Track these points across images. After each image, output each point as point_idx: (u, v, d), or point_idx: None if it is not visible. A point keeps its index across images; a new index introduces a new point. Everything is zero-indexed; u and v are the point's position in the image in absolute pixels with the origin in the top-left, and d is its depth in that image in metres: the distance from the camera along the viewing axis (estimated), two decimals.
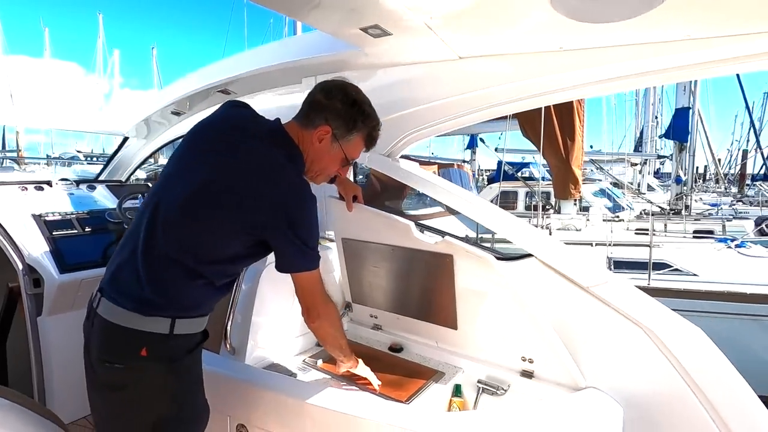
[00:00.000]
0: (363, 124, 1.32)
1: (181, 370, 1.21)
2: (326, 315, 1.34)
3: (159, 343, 1.16)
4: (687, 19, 1.09)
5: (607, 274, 1.46)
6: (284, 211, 1.16)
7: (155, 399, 1.17)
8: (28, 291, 2.07)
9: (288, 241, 1.18)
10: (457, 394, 1.68)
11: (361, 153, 1.41)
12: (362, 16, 1.33)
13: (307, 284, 1.28)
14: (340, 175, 1.46)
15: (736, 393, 1.28)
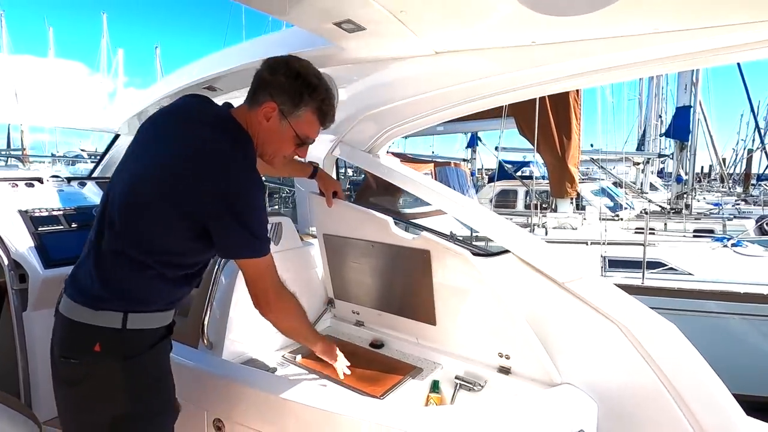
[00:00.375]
0: (310, 97, 1.21)
1: (137, 367, 1.17)
2: (280, 307, 1.27)
3: (112, 339, 1.14)
4: (652, 12, 1.08)
5: (583, 270, 1.45)
6: (225, 199, 1.10)
7: (110, 395, 1.15)
8: (13, 286, 2.08)
9: (231, 230, 1.12)
10: (435, 390, 1.67)
11: (319, 131, 1.30)
12: (334, 12, 1.33)
13: (254, 272, 1.21)
14: (300, 156, 1.33)
15: (708, 388, 1.27)
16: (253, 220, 1.14)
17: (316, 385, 1.59)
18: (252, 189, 1.14)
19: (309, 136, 1.25)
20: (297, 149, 1.28)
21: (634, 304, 1.38)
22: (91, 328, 1.13)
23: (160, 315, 1.21)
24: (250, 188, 1.14)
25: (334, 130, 1.96)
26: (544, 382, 1.52)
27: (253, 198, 1.14)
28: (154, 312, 1.19)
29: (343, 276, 2.01)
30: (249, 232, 1.14)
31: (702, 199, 14.54)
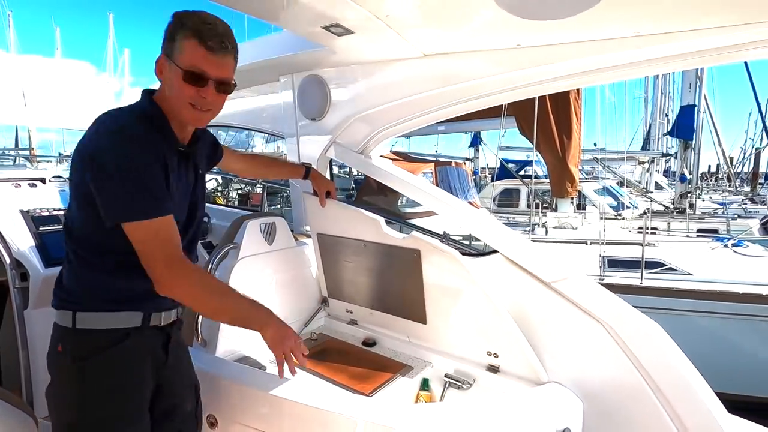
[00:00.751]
0: (182, 25, 1.06)
1: (88, 371, 1.10)
2: (176, 282, 1.07)
3: (66, 338, 1.12)
4: (633, 16, 1.10)
5: (569, 270, 1.47)
6: (93, 160, 1.02)
7: (63, 398, 1.13)
8: (15, 285, 2.13)
9: (101, 187, 1.03)
10: (425, 388, 1.70)
11: (211, 59, 1.07)
12: (323, 16, 1.36)
13: (137, 239, 1.05)
14: (205, 98, 1.10)
15: (690, 386, 1.28)
16: (122, 177, 1.02)
17: (307, 382, 1.62)
18: (119, 147, 1.03)
19: (195, 64, 1.05)
20: (196, 89, 1.07)
21: (619, 303, 1.40)
22: (55, 327, 1.14)
23: (111, 316, 1.12)
24: (112, 146, 1.03)
25: (328, 131, 2.00)
26: (532, 381, 1.53)
27: (123, 158, 1.03)
28: (104, 312, 1.12)
29: (337, 275, 2.04)
30: (118, 192, 1.03)
31: (708, 199, 14.43)
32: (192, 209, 1.26)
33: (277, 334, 1.14)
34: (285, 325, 1.18)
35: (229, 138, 9.53)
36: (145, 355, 1.18)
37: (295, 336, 1.18)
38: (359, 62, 1.78)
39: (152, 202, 1.05)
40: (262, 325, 1.14)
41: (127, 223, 1.04)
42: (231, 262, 1.77)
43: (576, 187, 7.44)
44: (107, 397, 1.11)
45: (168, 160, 1.11)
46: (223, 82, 1.11)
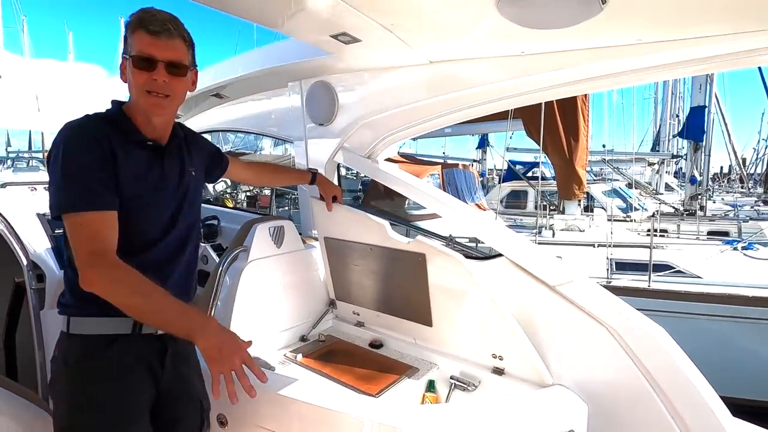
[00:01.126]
0: (129, 23, 1.11)
1: (76, 377, 1.10)
2: (93, 277, 1.03)
3: (62, 343, 1.14)
4: (635, 25, 1.12)
5: (573, 274, 1.48)
6: (48, 158, 1.08)
7: (59, 401, 1.14)
8: (32, 286, 2.19)
9: (49, 180, 1.07)
10: (431, 390, 1.72)
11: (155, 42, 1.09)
12: (330, 25, 1.40)
13: (67, 231, 1.05)
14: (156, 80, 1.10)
15: (694, 389, 1.29)
16: (55, 175, 1.04)
17: (314, 383, 1.65)
18: (60, 147, 1.05)
19: (141, 50, 1.08)
20: (148, 74, 1.09)
21: (624, 307, 1.41)
22: (59, 333, 1.16)
23: (100, 321, 1.11)
24: (59, 145, 1.05)
25: (336, 136, 2.03)
26: (537, 383, 1.55)
27: (60, 157, 1.04)
28: (93, 317, 1.11)
29: (344, 278, 2.07)
30: (53, 188, 1.05)
31: (720, 200, 14.24)
32: (178, 208, 1.24)
33: (214, 344, 0.98)
34: (227, 334, 1.04)
35: (238, 141, 9.63)
36: (136, 363, 1.15)
37: (238, 349, 1.01)
38: (366, 69, 1.81)
39: (84, 195, 1.03)
40: (194, 331, 1.00)
41: (62, 215, 1.04)
42: (241, 264, 1.81)
43: (583, 189, 7.41)
44: (95, 403, 1.09)
45: (119, 152, 1.09)
46: (173, 63, 1.11)
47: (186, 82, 1.18)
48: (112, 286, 1.03)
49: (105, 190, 1.06)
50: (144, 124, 1.17)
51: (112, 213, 1.07)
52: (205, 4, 1.25)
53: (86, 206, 1.03)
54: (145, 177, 1.16)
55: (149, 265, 1.15)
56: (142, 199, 1.14)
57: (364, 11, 1.25)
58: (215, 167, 1.56)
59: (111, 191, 1.07)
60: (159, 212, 1.19)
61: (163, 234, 1.20)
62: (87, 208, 1.03)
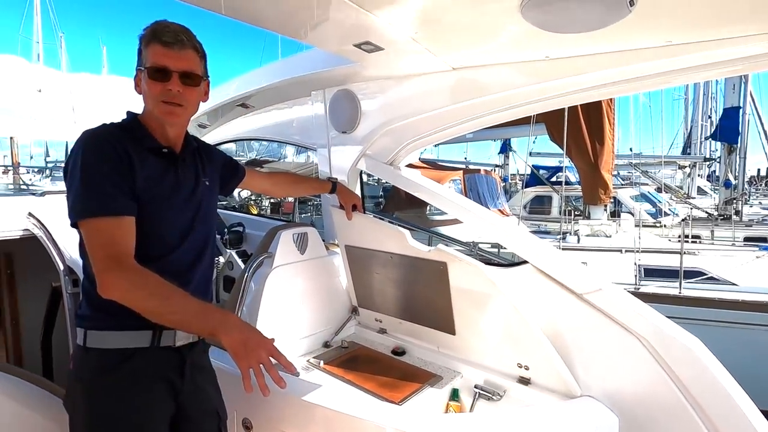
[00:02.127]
0: (143, 36, 1.15)
1: (92, 393, 1.11)
2: (111, 282, 1.02)
3: (78, 357, 1.14)
4: (664, 26, 1.09)
5: (602, 282, 1.45)
6: (65, 167, 1.11)
7: (74, 416, 1.14)
8: (68, 290, 2.28)
9: (66, 188, 1.09)
10: (455, 398, 1.70)
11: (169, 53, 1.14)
12: (354, 34, 1.41)
13: (85, 238, 1.06)
14: (171, 90, 1.14)
15: (735, 405, 1.23)
16: (74, 181, 1.05)
17: (337, 389, 1.65)
18: (78, 154, 1.07)
19: (155, 61, 1.12)
20: (162, 84, 1.13)
21: (656, 316, 1.36)
22: (74, 345, 1.16)
23: (118, 335, 1.12)
24: (77, 153, 1.07)
25: (359, 143, 2.05)
26: (564, 394, 1.51)
27: (77, 152, 1.07)
28: (111, 330, 1.11)
29: (366, 285, 2.08)
30: (71, 195, 1.06)
31: (757, 205, 13.62)
32: (194, 215, 1.26)
33: (238, 340, 1.00)
34: (250, 328, 1.06)
35: (262, 149, 9.83)
36: (155, 377, 1.15)
37: (264, 342, 1.03)
38: (388, 77, 1.82)
39: (101, 200, 1.04)
40: (216, 328, 1.00)
41: (79, 222, 1.05)
42: (266, 270, 1.84)
43: (610, 194, 7.21)
44: (110, 421, 1.09)
45: (135, 158, 1.11)
46: (186, 73, 1.14)
47: (199, 92, 1.22)
48: (131, 290, 1.02)
49: (122, 195, 1.07)
50: (158, 133, 1.20)
51: (130, 218, 1.08)
52: (231, 17, 1.29)
53: (103, 211, 1.04)
54: (160, 182, 1.18)
55: (167, 274, 1.16)
56: (158, 204, 1.16)
57: (387, 20, 1.26)
58: (230, 178, 1.58)
59: (128, 196, 1.09)
60: (175, 218, 1.21)
61: (180, 241, 1.21)
62: (104, 213, 1.04)
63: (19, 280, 2.91)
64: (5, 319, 2.90)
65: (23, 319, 2.93)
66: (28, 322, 2.91)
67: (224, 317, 1.04)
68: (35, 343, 2.65)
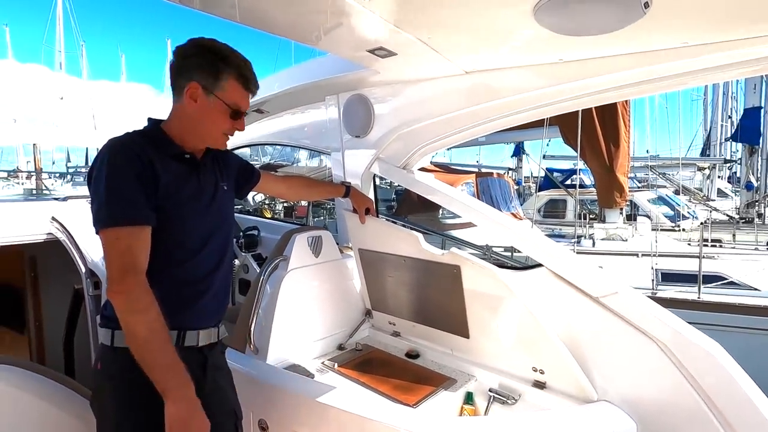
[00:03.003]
0: (226, 65, 1.19)
1: (120, 390, 1.14)
2: (117, 289, 1.05)
3: (105, 356, 1.16)
4: (681, 27, 1.08)
5: (618, 285, 1.43)
6: (89, 176, 1.14)
7: (102, 415, 1.18)
8: (89, 292, 2.34)
9: (90, 197, 1.12)
10: (469, 402, 1.69)
11: (248, 98, 1.26)
12: (367, 40, 1.43)
13: (103, 244, 1.08)
14: (239, 129, 1.26)
15: (759, 414, 1.20)
16: (98, 189, 1.08)
17: (352, 391, 1.66)
18: (103, 161, 1.10)
19: (239, 105, 1.21)
20: (233, 122, 1.23)
21: (675, 320, 1.34)
22: (100, 346, 1.19)
23: None
24: (102, 161, 1.11)
25: (372, 147, 2.07)
26: (581, 399, 1.49)
27: (103, 163, 1.10)
28: None
29: (379, 288, 2.09)
30: (96, 203, 1.09)
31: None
32: (214, 220, 1.29)
33: (183, 416, 1.02)
34: (198, 412, 1.05)
35: (276, 153, 9.95)
36: None
37: (200, 427, 1.05)
38: (401, 81, 1.84)
39: (125, 209, 1.07)
40: (170, 391, 1.02)
41: (101, 230, 1.07)
42: (281, 273, 1.87)
43: (625, 197, 7.08)
44: (139, 419, 1.11)
45: (158, 165, 1.14)
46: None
47: None
48: (132, 308, 1.05)
49: (143, 205, 1.10)
50: (182, 141, 1.23)
51: (148, 229, 1.11)
52: (246, 25, 1.32)
53: (125, 221, 1.07)
54: (183, 188, 1.21)
55: (190, 279, 1.21)
56: (180, 209, 1.19)
57: (400, 26, 1.27)
58: (246, 182, 1.60)
59: (149, 206, 1.11)
60: (197, 223, 1.24)
61: (201, 246, 1.24)
62: (125, 223, 1.07)
63: (43, 283, 3.00)
64: (29, 320, 2.98)
65: (46, 320, 3.01)
66: (51, 323, 2.99)
67: (183, 388, 1.05)
68: (58, 344, 2.72)
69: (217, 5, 1.20)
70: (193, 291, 1.21)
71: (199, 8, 1.20)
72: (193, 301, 1.20)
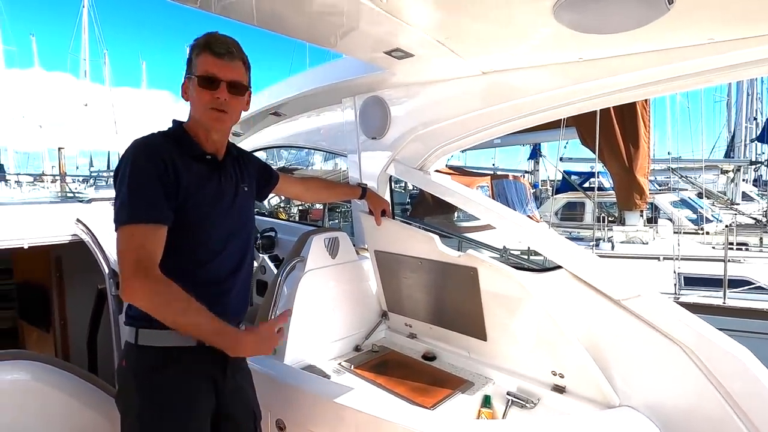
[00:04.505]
0: (195, 47, 1.21)
1: (145, 388, 1.15)
2: (135, 287, 1.06)
3: (131, 354, 1.19)
4: (707, 23, 1.06)
5: (641, 287, 1.40)
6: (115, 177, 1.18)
7: (127, 411, 1.19)
8: (112, 292, 2.39)
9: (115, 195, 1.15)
10: (486, 405, 1.67)
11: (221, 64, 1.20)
12: (384, 42, 1.44)
13: (117, 241, 1.09)
14: (219, 98, 1.20)
15: None
16: (121, 188, 1.11)
17: (369, 392, 1.66)
18: (127, 161, 1.13)
19: (206, 70, 1.18)
20: (212, 92, 1.19)
21: (700, 324, 1.30)
22: (125, 343, 1.22)
23: (167, 334, 1.14)
24: (127, 161, 1.14)
25: (388, 149, 2.08)
26: (602, 404, 1.46)
27: (125, 162, 1.14)
28: (161, 329, 1.12)
29: (395, 290, 2.08)
30: (118, 202, 1.12)
31: None
32: (235, 221, 1.30)
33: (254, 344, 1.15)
34: (259, 345, 1.16)
35: (290, 156, 10.04)
36: (201, 376, 1.19)
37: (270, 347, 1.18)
38: (418, 82, 1.84)
39: (146, 208, 1.09)
40: (230, 349, 1.12)
41: (119, 227, 1.09)
42: (298, 274, 1.88)
43: (646, 199, 6.92)
44: (162, 415, 1.14)
45: (180, 164, 1.16)
46: (234, 83, 1.21)
47: (243, 101, 1.28)
48: (152, 298, 1.07)
49: (163, 204, 1.12)
50: (203, 140, 1.26)
51: (164, 228, 1.12)
52: (264, 28, 1.34)
53: (142, 219, 1.09)
54: (204, 188, 1.23)
55: (213, 279, 1.23)
56: (202, 210, 1.21)
57: (418, 27, 1.28)
58: (265, 184, 1.62)
59: (168, 206, 1.13)
60: (219, 224, 1.25)
61: (223, 246, 1.26)
62: (142, 221, 1.09)
63: (67, 282, 3.09)
64: (54, 318, 3.07)
65: (70, 319, 3.09)
66: (75, 322, 3.07)
67: (236, 340, 1.13)
68: (81, 341, 2.79)
69: (236, 9, 1.22)
70: (216, 291, 1.23)
71: (218, 12, 1.23)
72: (215, 302, 1.20)
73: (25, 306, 3.45)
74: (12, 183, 20.83)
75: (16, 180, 21.22)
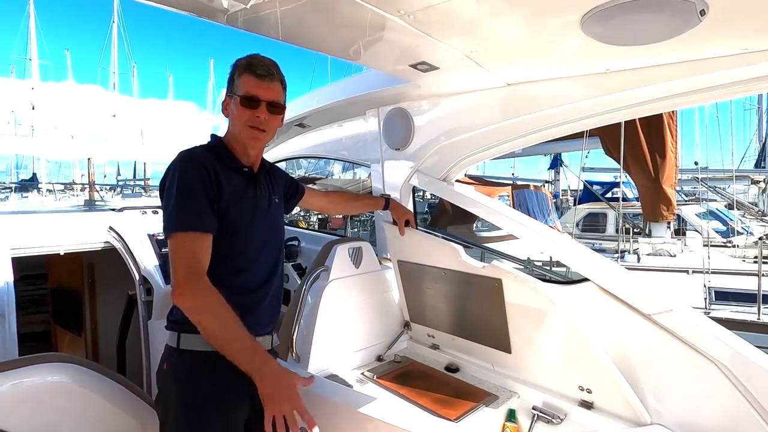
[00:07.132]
0: (238, 67, 1.28)
1: (186, 391, 1.20)
2: (184, 292, 1.11)
3: (171, 358, 1.24)
4: (740, 33, 1.05)
5: (673, 302, 1.37)
6: (162, 185, 1.24)
7: (168, 413, 1.23)
8: (142, 298, 2.47)
9: (162, 205, 1.22)
10: (511, 419, 1.65)
11: (262, 85, 1.26)
12: (409, 55, 1.47)
13: (170, 249, 1.16)
14: (259, 117, 1.26)
15: None
16: (170, 198, 1.17)
17: (392, 403, 1.66)
18: (175, 172, 1.19)
19: (248, 90, 1.25)
20: (251, 111, 1.25)
21: (735, 340, 1.26)
22: (165, 347, 1.27)
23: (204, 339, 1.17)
24: (174, 173, 1.19)
25: (412, 160, 2.09)
26: (632, 421, 1.42)
27: (171, 173, 1.20)
28: (198, 333, 1.15)
29: (418, 300, 2.08)
30: (166, 211, 1.19)
31: None
32: (269, 231, 1.36)
33: (269, 392, 1.07)
34: (283, 379, 1.10)
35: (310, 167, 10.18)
36: (238, 380, 1.17)
37: (290, 396, 1.08)
38: (443, 95, 1.86)
39: (194, 217, 1.16)
40: (255, 371, 1.09)
41: (170, 235, 1.15)
42: (322, 283, 1.90)
43: (673, 210, 6.72)
44: (202, 418, 1.19)
45: (222, 176, 1.23)
46: (273, 103, 1.28)
47: (280, 119, 1.34)
48: (200, 307, 1.12)
49: (209, 213, 1.19)
50: (241, 153, 1.33)
51: (211, 236, 1.19)
52: (290, 43, 1.39)
53: (192, 227, 1.16)
54: (242, 199, 1.29)
55: (248, 287, 1.28)
56: (241, 219, 1.26)
57: (444, 41, 1.30)
58: (292, 196, 1.68)
59: (213, 215, 1.19)
60: (255, 233, 1.31)
61: (257, 255, 1.31)
62: (192, 229, 1.16)
63: (99, 288, 3.19)
64: (86, 322, 3.17)
65: (101, 323, 3.19)
66: (105, 326, 3.17)
67: (264, 365, 1.11)
68: (111, 345, 2.88)
69: (260, 25, 1.27)
70: (251, 299, 1.28)
71: (244, 28, 1.28)
72: (250, 310, 1.25)
73: (58, 310, 3.58)
74: (44, 191, 21.70)
75: (48, 189, 22.10)
